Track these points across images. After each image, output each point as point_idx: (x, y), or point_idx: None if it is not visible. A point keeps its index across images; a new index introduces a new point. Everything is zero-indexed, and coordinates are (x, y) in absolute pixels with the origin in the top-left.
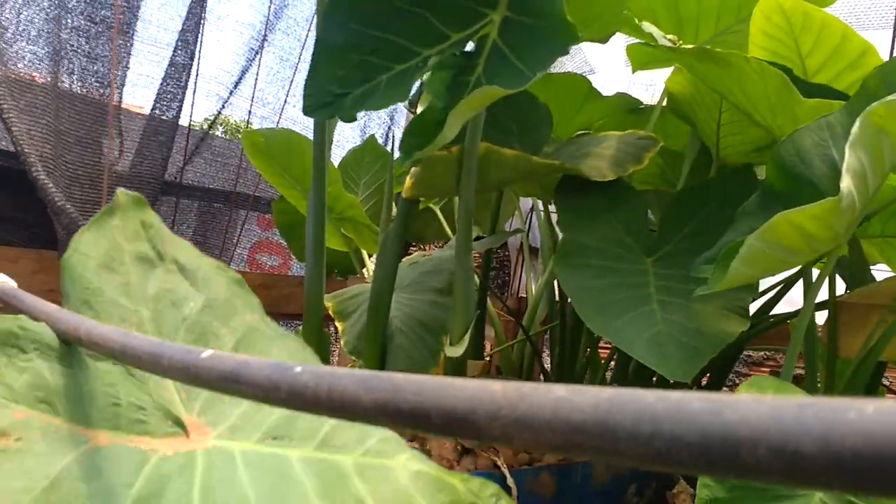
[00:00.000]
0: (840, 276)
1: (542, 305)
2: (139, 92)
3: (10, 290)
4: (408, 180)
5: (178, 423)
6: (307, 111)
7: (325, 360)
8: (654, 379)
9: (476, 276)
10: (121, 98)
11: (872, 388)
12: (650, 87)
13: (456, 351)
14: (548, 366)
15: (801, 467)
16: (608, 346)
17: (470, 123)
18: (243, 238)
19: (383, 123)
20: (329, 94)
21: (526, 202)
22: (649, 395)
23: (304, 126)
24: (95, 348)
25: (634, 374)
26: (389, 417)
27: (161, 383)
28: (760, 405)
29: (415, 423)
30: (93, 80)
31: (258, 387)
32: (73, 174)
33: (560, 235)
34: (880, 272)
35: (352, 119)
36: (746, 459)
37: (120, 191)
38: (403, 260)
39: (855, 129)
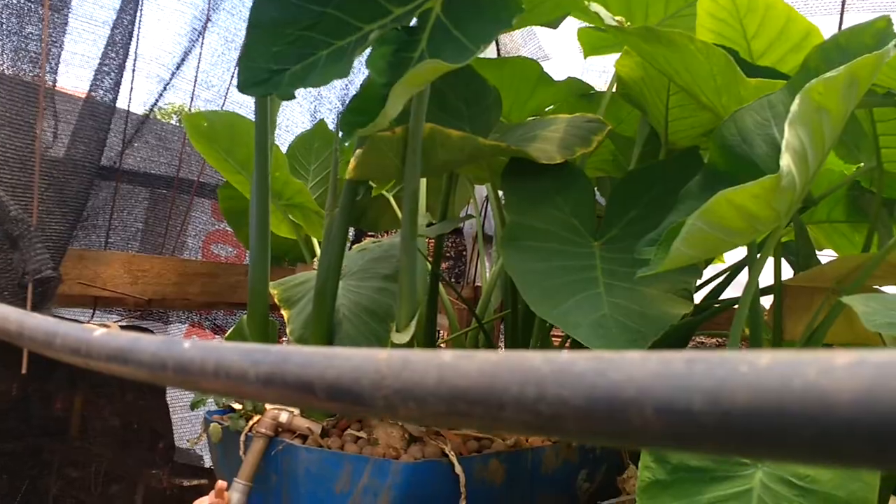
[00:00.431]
0: (787, 261)
1: (497, 293)
2: (75, 72)
3: None
4: (351, 162)
5: None
6: (241, 88)
7: None
8: None
9: (427, 263)
10: (55, 79)
11: None
12: (603, 73)
13: (402, 337)
14: None
15: (691, 427)
16: (561, 332)
17: (414, 102)
18: (196, 228)
19: (334, 108)
20: (264, 71)
21: (481, 190)
22: (537, 358)
23: (251, 110)
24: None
25: None
26: (276, 390)
27: None
28: (647, 362)
29: (300, 396)
30: (24, 59)
31: (144, 364)
32: (1, 157)
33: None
34: (827, 257)
35: (289, 97)
36: (635, 422)
37: None
38: (353, 247)
39: (794, 106)
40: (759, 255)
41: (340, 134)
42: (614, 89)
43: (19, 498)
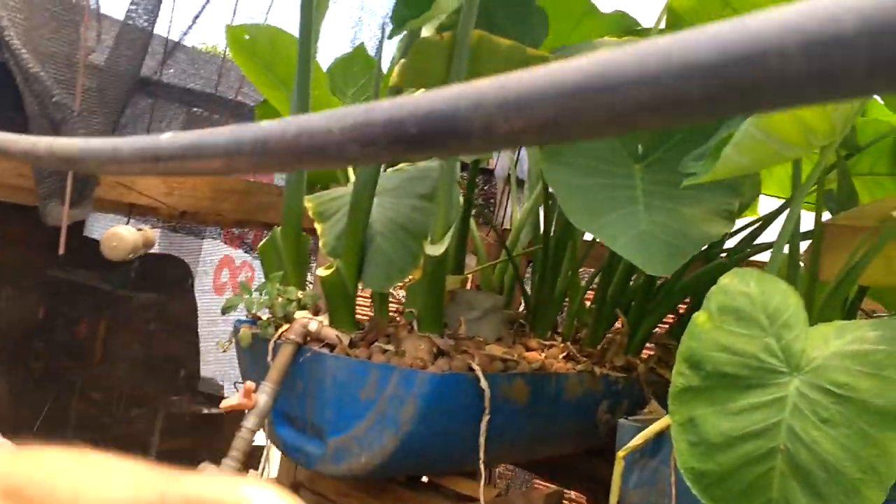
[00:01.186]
0: (829, 211)
1: (526, 232)
2: None
3: None
4: (395, 68)
5: None
6: None
7: (304, 262)
8: (630, 303)
9: (460, 191)
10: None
11: (850, 311)
12: (651, 13)
13: (437, 249)
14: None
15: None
16: (586, 272)
17: (464, 7)
18: None
19: (374, 35)
20: None
21: None
22: (659, 40)
23: (292, 30)
24: (57, 161)
25: (616, 286)
26: (361, 143)
27: None
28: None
29: (391, 141)
30: None
31: (220, 149)
32: (46, 51)
33: None
34: None
35: None
36: (773, 64)
37: None
38: (388, 170)
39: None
40: (802, 184)
41: (388, 33)
42: (663, 25)
43: (43, 416)
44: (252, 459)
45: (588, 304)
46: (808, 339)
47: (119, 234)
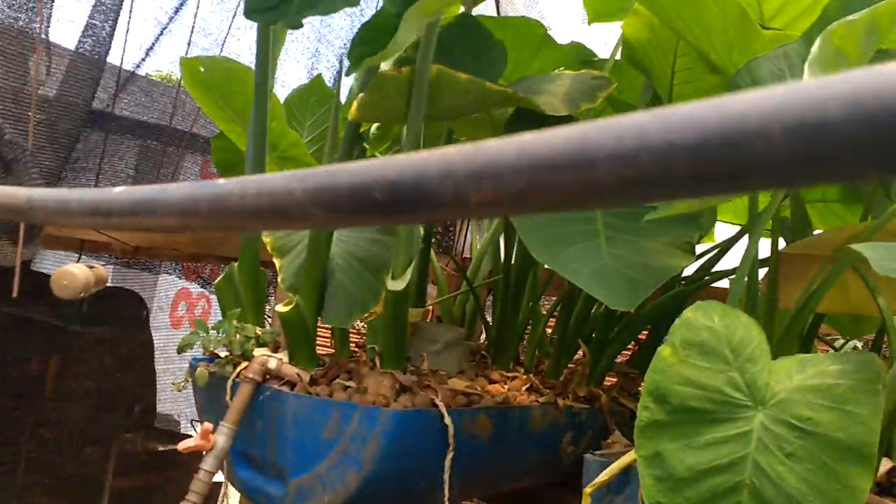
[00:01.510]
0: (783, 238)
1: (486, 261)
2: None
3: None
4: (354, 102)
5: None
6: (247, 13)
7: (261, 298)
8: (591, 332)
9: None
10: (49, 20)
11: (808, 339)
12: (605, 44)
13: (398, 284)
14: (489, 319)
15: (826, 141)
16: (548, 300)
17: (423, 41)
18: (183, 180)
19: (332, 66)
20: None
21: None
22: (637, 114)
23: (248, 62)
24: (3, 212)
25: (577, 316)
26: (325, 206)
27: None
28: (771, 90)
29: (355, 207)
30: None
31: (175, 208)
32: None
33: None
34: None
35: (297, 25)
36: (757, 147)
37: None
38: None
39: (814, 49)
40: (760, 214)
41: (346, 68)
42: (618, 56)
43: None
44: (210, 499)
45: (549, 332)
46: (772, 373)
47: (70, 272)
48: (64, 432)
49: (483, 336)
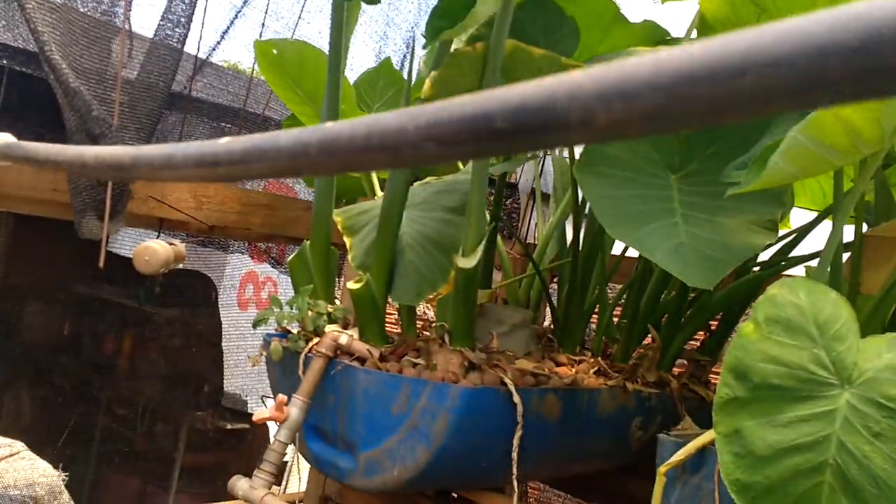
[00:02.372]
0: (867, 223)
1: (552, 245)
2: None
3: (11, 144)
4: (427, 81)
5: None
6: None
7: (332, 276)
8: (662, 318)
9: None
10: (130, 4)
11: (893, 326)
12: (678, 24)
13: (468, 262)
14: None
15: None
16: (613, 289)
17: (498, 16)
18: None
19: (399, 50)
20: None
21: None
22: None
23: (318, 45)
24: (104, 169)
25: (648, 301)
26: (439, 140)
27: None
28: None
29: (475, 138)
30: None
31: (285, 151)
32: (81, 66)
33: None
34: None
35: (375, 0)
36: None
37: None
38: (415, 183)
39: None
40: (846, 194)
41: (423, 41)
42: (693, 35)
43: (68, 430)
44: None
45: (616, 319)
46: (860, 352)
47: (152, 249)
48: (137, 409)
49: (548, 320)
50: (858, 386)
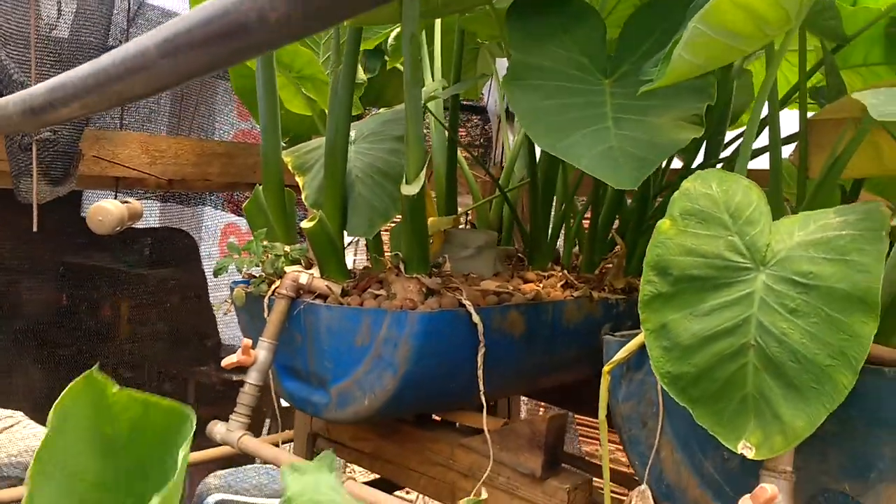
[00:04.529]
0: (819, 107)
1: (519, 166)
2: None
3: None
4: None
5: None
6: None
7: (290, 217)
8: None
9: (445, 132)
10: None
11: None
12: None
13: (411, 189)
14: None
15: None
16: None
17: None
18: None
19: None
20: None
21: (503, 65)
22: None
23: None
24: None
25: (606, 210)
26: (176, 52)
27: None
28: None
29: (204, 43)
30: None
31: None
32: (4, 32)
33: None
34: None
35: None
36: None
37: None
38: (367, 116)
39: None
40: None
41: None
42: None
43: None
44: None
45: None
46: (773, 233)
47: (104, 208)
48: (143, 370)
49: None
50: (772, 266)
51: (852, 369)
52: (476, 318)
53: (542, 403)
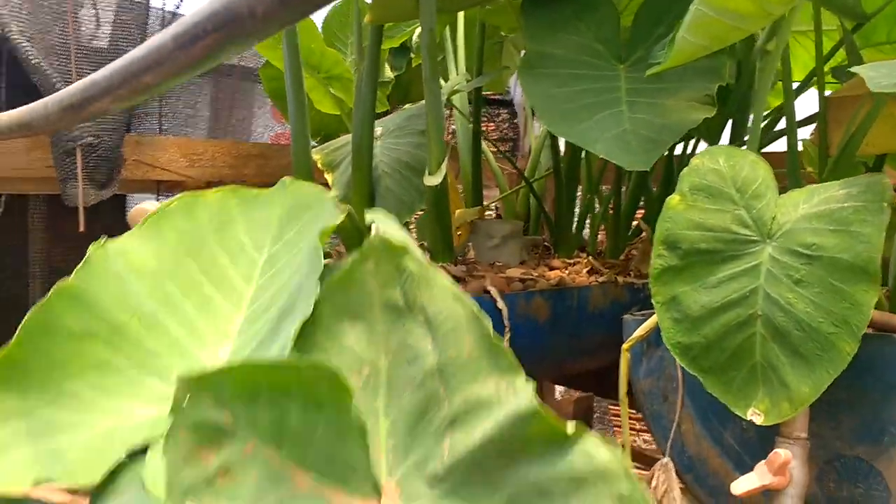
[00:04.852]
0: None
1: (545, 155)
2: None
3: None
4: (368, 8)
5: (375, 488)
6: None
7: None
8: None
9: (469, 124)
10: None
11: None
12: None
13: (434, 179)
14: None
15: None
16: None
17: None
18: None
19: None
20: None
21: None
22: None
23: None
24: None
25: (630, 195)
26: (183, 41)
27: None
28: None
29: (215, 30)
30: None
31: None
32: (47, 43)
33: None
34: None
35: None
36: None
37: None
38: (394, 112)
39: None
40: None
41: None
42: None
43: None
44: None
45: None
46: (779, 206)
47: (145, 211)
48: None
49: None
50: (778, 239)
51: (854, 336)
52: (500, 303)
53: (575, 391)
